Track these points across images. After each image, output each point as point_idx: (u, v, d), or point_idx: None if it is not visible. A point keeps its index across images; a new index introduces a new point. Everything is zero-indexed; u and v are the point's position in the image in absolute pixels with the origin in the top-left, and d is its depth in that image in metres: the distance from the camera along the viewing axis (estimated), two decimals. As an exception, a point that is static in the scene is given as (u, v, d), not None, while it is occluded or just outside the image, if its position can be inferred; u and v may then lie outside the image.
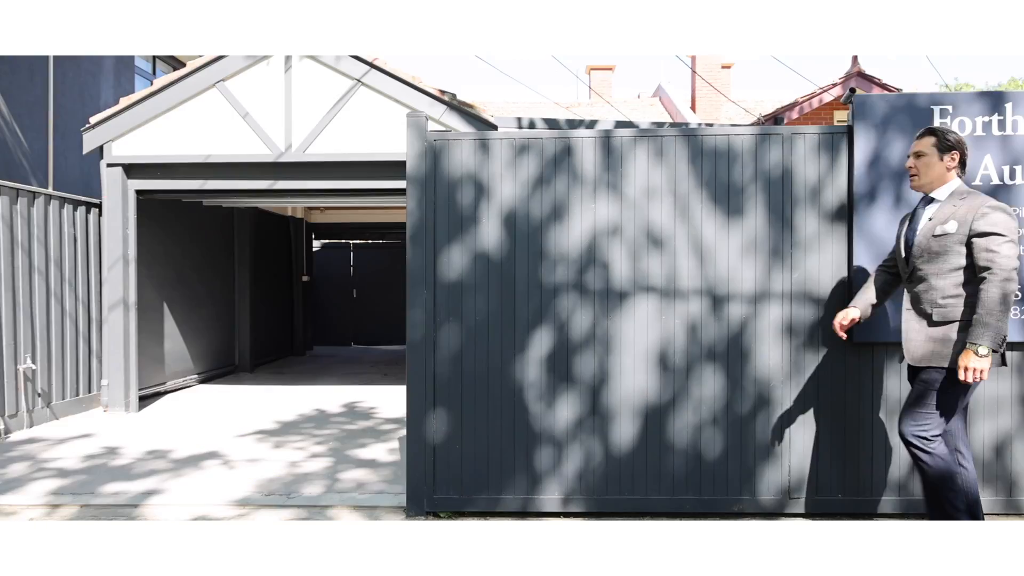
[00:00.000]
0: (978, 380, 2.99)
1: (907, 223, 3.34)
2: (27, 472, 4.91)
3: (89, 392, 7.07)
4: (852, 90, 3.91)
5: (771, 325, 3.90)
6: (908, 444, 3.16)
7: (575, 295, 3.95)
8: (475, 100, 16.75)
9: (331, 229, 13.51)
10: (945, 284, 3.12)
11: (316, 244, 14.52)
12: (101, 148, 7.03)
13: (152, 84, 7.22)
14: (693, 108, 18.53)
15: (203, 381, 9.10)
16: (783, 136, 3.90)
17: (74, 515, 4.09)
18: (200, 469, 4.99)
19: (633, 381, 3.94)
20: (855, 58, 13.54)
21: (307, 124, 6.90)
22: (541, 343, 3.96)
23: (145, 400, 7.62)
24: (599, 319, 3.95)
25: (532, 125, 6.90)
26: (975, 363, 2.98)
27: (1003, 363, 3.20)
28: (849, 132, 3.87)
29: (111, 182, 7.03)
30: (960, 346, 3.06)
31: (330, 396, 7.99)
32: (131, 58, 13.80)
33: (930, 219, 3.20)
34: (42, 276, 6.41)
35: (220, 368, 9.62)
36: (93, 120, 7.01)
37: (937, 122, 3.79)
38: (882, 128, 3.81)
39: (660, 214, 3.93)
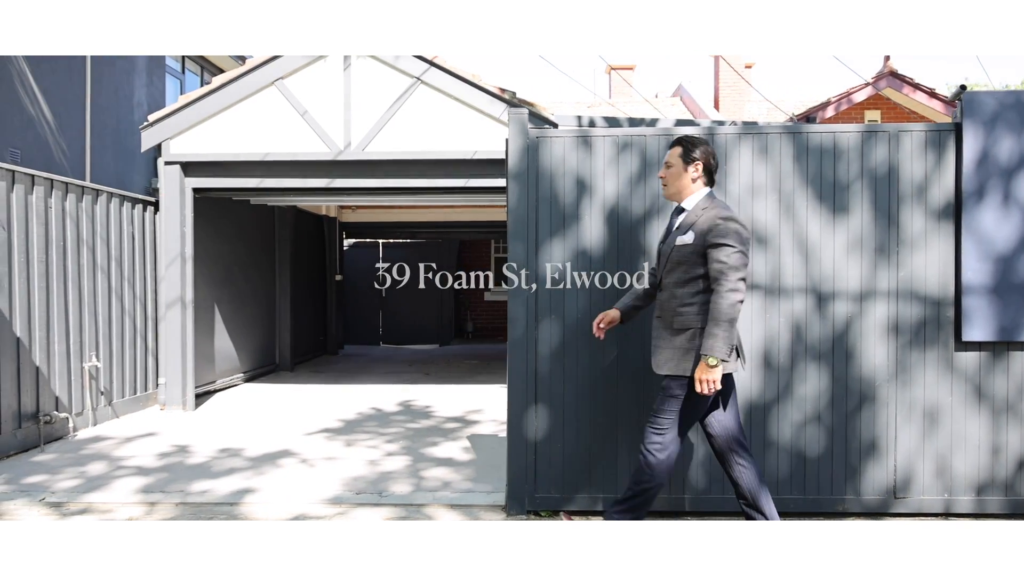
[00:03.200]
0: (711, 392, 3.05)
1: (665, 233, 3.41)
2: (108, 470, 4.90)
3: (146, 390, 7.06)
4: (962, 87, 3.87)
5: (876, 323, 3.88)
6: (642, 447, 3.26)
7: (678, 293, 3.92)
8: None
9: (362, 228, 13.49)
10: (684, 292, 3.19)
11: (346, 243, 14.51)
12: (159, 146, 7.02)
13: (209, 82, 7.21)
14: (716, 107, 18.50)
15: (248, 380, 9.09)
16: (889, 133, 3.88)
17: (172, 513, 4.07)
18: (279, 467, 4.97)
19: (737, 379, 3.91)
20: (887, 58, 13.52)
21: (366, 122, 6.88)
22: (642, 341, 3.93)
23: (198, 399, 7.60)
24: (702, 317, 3.92)
25: (592, 124, 6.86)
26: (706, 375, 3.04)
27: (739, 361, 3.26)
28: (957, 129, 3.85)
29: (169, 180, 7.02)
30: (696, 355, 3.11)
31: (380, 395, 7.97)
32: (162, 57, 13.82)
33: (676, 228, 3.27)
34: (104, 274, 6.40)
35: (263, 367, 9.61)
36: (152, 118, 7.00)
37: (1047, 119, 3.77)
38: (991, 126, 3.79)
39: (764, 211, 3.91)
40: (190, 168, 7.06)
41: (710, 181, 3.29)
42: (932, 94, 13.11)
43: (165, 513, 4.08)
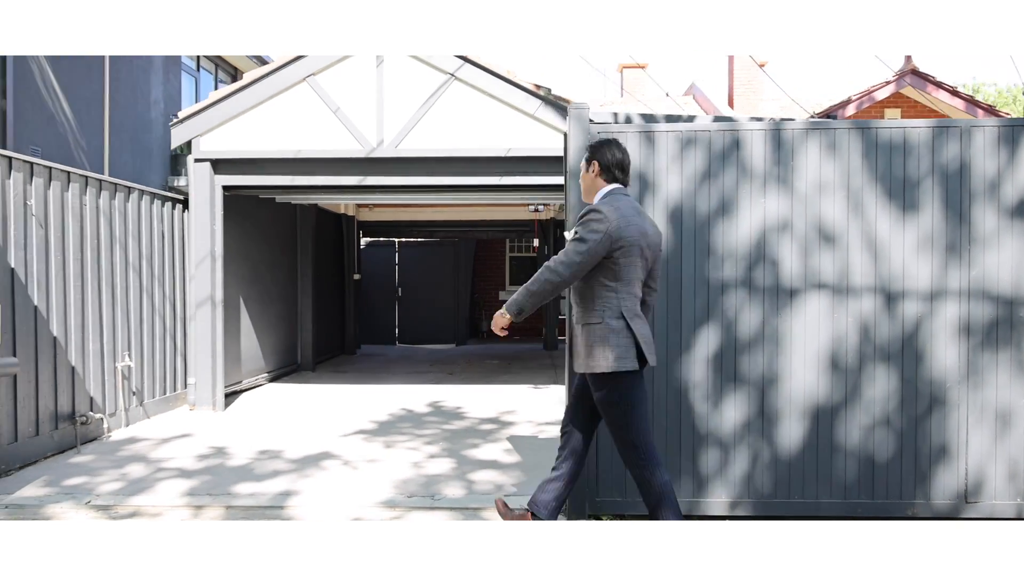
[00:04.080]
0: (492, 329, 3.22)
1: None
2: (149, 472, 4.81)
3: (175, 391, 6.97)
4: (1038, 81, 3.77)
5: (947, 324, 3.79)
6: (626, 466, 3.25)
7: (743, 292, 3.84)
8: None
9: (378, 227, 13.41)
10: (578, 286, 3.23)
11: (362, 242, 14.43)
12: (181, 144, 6.93)
13: (242, 79, 7.12)
14: (731, 105, 18.41)
15: (272, 380, 9.00)
16: (961, 129, 3.78)
17: (222, 516, 3.98)
18: (323, 470, 4.88)
19: (803, 381, 3.82)
20: (908, 56, 13.41)
21: (399, 119, 6.79)
22: (708, 342, 3.85)
23: (225, 399, 7.50)
24: (768, 317, 3.83)
25: (628, 120, 6.76)
26: (495, 316, 3.22)
27: (641, 365, 3.15)
28: (1031, 125, 3.75)
29: (199, 178, 6.93)
30: (599, 350, 3.09)
31: (408, 396, 7.88)
32: (177, 56, 13.74)
33: None
34: (136, 272, 6.32)
35: (285, 367, 9.53)
36: (182, 114, 6.91)
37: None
38: (1067, 121, 3.69)
39: (832, 209, 3.82)
40: (220, 165, 6.97)
41: (613, 178, 3.27)
42: (955, 92, 13.01)
43: (214, 516, 3.98)
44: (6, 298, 4.69)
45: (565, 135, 4.02)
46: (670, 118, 6.79)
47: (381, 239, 14.66)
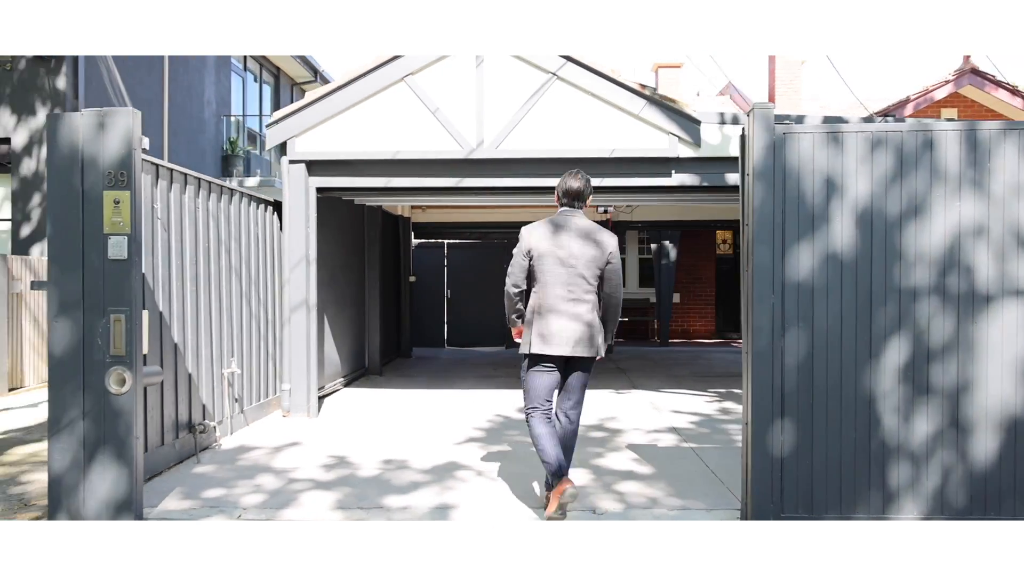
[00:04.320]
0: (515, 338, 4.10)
1: None
2: (282, 484, 4.67)
3: (267, 396, 6.83)
4: None
5: None
6: None
7: (936, 299, 3.68)
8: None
9: (430, 228, 13.27)
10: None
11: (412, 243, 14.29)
12: (284, 145, 6.79)
13: (335, 79, 6.97)
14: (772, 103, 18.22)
15: (347, 384, 8.86)
16: None
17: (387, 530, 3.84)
18: (461, 481, 4.73)
19: (1000, 391, 3.66)
20: (967, 57, 13.22)
21: (499, 120, 6.64)
22: (898, 350, 3.69)
23: (313, 405, 7.37)
24: (962, 325, 3.67)
25: (736, 120, 6.62)
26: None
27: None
28: None
29: (294, 179, 6.79)
30: (524, 335, 4.01)
31: (493, 401, 7.72)
32: (227, 57, 13.65)
33: None
34: (237, 276, 6.18)
35: (356, 371, 9.39)
36: (276, 115, 6.77)
37: None
38: None
39: (1031, 212, 3.66)
40: (314, 167, 6.84)
41: (561, 203, 4.08)
42: (1015, 91, 12.83)
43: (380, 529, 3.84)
44: (139, 304, 4.55)
45: (743, 136, 3.87)
46: (779, 119, 6.62)
47: (430, 240, 14.52)
